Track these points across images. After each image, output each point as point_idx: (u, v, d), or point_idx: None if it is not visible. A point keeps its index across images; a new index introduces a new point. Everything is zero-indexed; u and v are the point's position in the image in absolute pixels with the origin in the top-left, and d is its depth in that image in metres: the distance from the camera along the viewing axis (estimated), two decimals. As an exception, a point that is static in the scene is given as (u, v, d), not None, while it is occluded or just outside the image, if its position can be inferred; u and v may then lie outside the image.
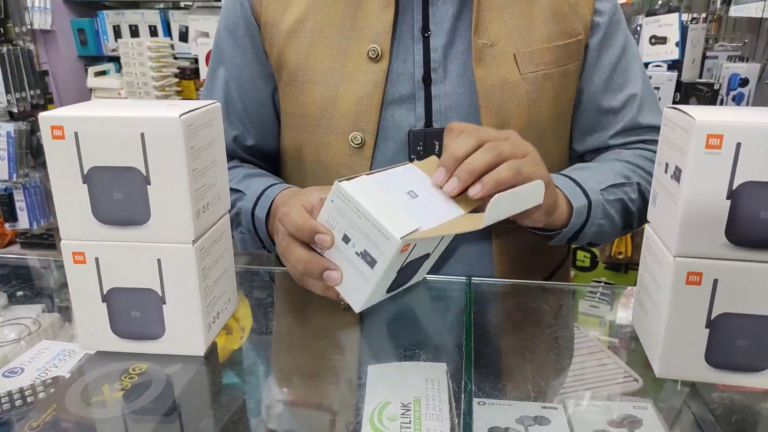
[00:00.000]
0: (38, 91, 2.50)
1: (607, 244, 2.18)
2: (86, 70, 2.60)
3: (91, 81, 2.54)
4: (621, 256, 2.16)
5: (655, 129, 0.81)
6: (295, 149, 0.81)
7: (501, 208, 0.56)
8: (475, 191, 0.58)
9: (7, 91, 2.37)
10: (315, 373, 0.57)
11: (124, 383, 0.54)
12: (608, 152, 0.83)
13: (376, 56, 0.74)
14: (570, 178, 0.73)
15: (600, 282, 2.25)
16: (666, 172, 0.52)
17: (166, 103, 0.55)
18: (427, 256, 0.63)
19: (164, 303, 0.55)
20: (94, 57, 2.69)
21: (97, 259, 0.54)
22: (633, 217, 0.78)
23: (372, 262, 0.54)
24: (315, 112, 0.76)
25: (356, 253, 0.55)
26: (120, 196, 0.52)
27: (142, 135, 0.50)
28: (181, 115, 0.50)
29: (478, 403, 0.51)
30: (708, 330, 0.51)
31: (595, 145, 0.84)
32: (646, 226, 0.58)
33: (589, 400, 0.53)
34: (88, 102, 0.57)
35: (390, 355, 0.60)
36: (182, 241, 0.53)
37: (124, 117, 0.50)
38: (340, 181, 0.55)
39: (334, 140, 0.76)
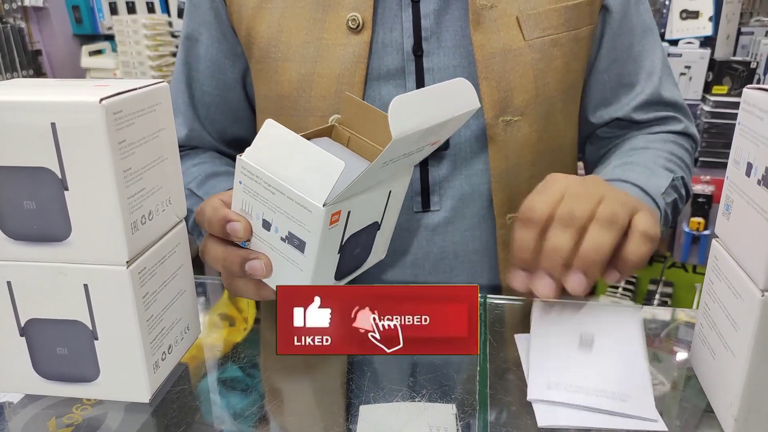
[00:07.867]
0: (31, 72, 2.39)
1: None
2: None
3: (85, 61, 2.42)
4: (645, 248, 2.02)
5: (675, 106, 0.74)
6: None
7: (406, 109, 0.39)
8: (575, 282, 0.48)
9: (-2, 72, 2.26)
10: (290, 414, 0.46)
11: (75, 416, 0.45)
12: (633, 138, 0.73)
13: (357, 26, 0.63)
14: (635, 185, 0.63)
15: (621, 275, 2.12)
16: (748, 174, 0.39)
17: (97, 83, 0.43)
18: (376, 226, 0.51)
19: (96, 338, 0.43)
20: (90, 36, 2.58)
21: (9, 284, 0.43)
22: (678, 216, 0.70)
23: (301, 245, 0.44)
24: (291, 93, 0.66)
25: (281, 238, 0.45)
26: (31, 205, 0.40)
27: (53, 125, 0.38)
28: (102, 100, 0.37)
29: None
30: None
31: (612, 117, 0.74)
32: (715, 242, 0.45)
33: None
34: (2, 82, 0.45)
35: (385, 392, 0.48)
36: (113, 261, 0.41)
37: (28, 102, 0.38)
38: (241, 156, 0.44)
39: (313, 125, 0.65)
